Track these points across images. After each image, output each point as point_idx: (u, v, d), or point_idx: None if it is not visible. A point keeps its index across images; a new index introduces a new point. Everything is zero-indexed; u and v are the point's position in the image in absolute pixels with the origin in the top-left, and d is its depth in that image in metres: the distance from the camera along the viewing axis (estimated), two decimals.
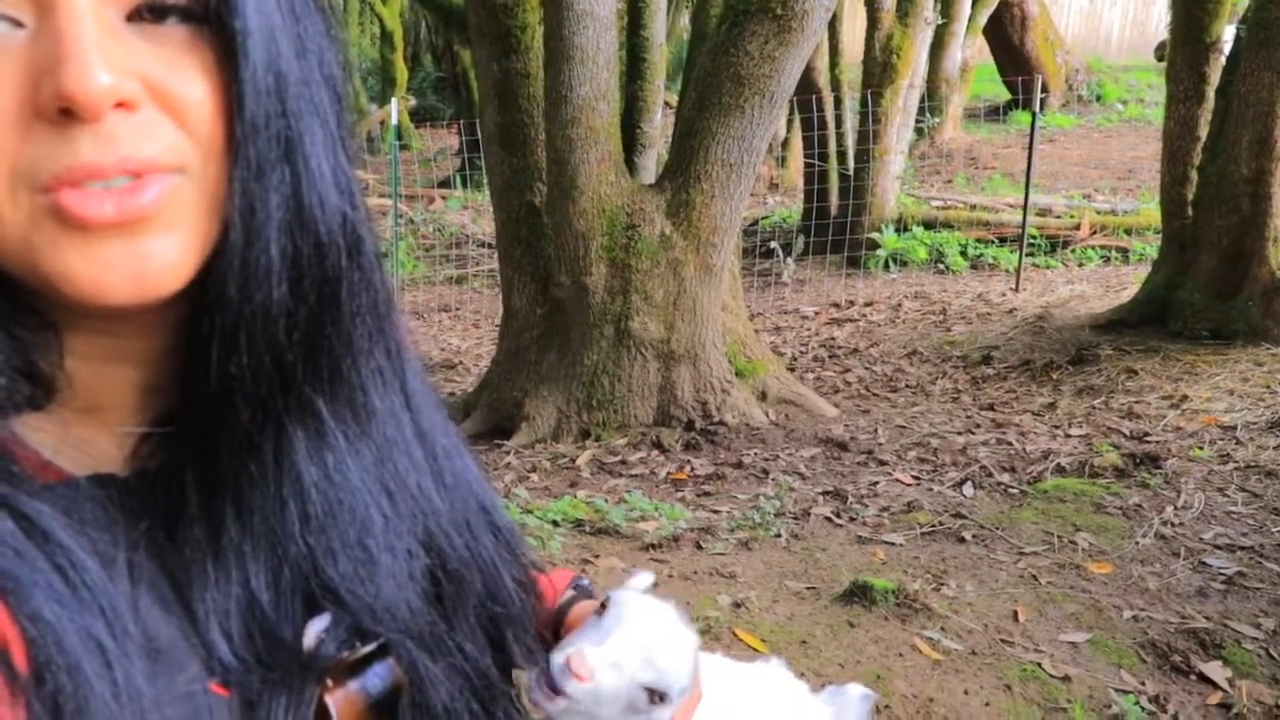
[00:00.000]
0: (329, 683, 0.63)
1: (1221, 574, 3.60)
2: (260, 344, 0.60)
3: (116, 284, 0.54)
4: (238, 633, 0.62)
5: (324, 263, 0.61)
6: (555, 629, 0.98)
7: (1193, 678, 3.04)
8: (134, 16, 0.54)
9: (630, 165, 5.48)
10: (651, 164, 5.77)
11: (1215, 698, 2.95)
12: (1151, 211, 8.68)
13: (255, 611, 0.63)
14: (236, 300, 0.58)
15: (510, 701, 0.80)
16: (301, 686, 0.62)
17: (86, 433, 0.62)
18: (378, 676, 0.66)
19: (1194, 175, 6.56)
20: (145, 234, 0.54)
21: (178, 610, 0.60)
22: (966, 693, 3.00)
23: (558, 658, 0.91)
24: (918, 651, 3.17)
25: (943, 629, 3.25)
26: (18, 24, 0.52)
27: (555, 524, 4.09)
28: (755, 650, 3.14)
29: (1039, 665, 3.08)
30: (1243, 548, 3.80)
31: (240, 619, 0.62)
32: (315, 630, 0.64)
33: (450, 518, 0.75)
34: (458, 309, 8.97)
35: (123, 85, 0.52)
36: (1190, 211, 6.56)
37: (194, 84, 0.55)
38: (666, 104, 7.00)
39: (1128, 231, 9.38)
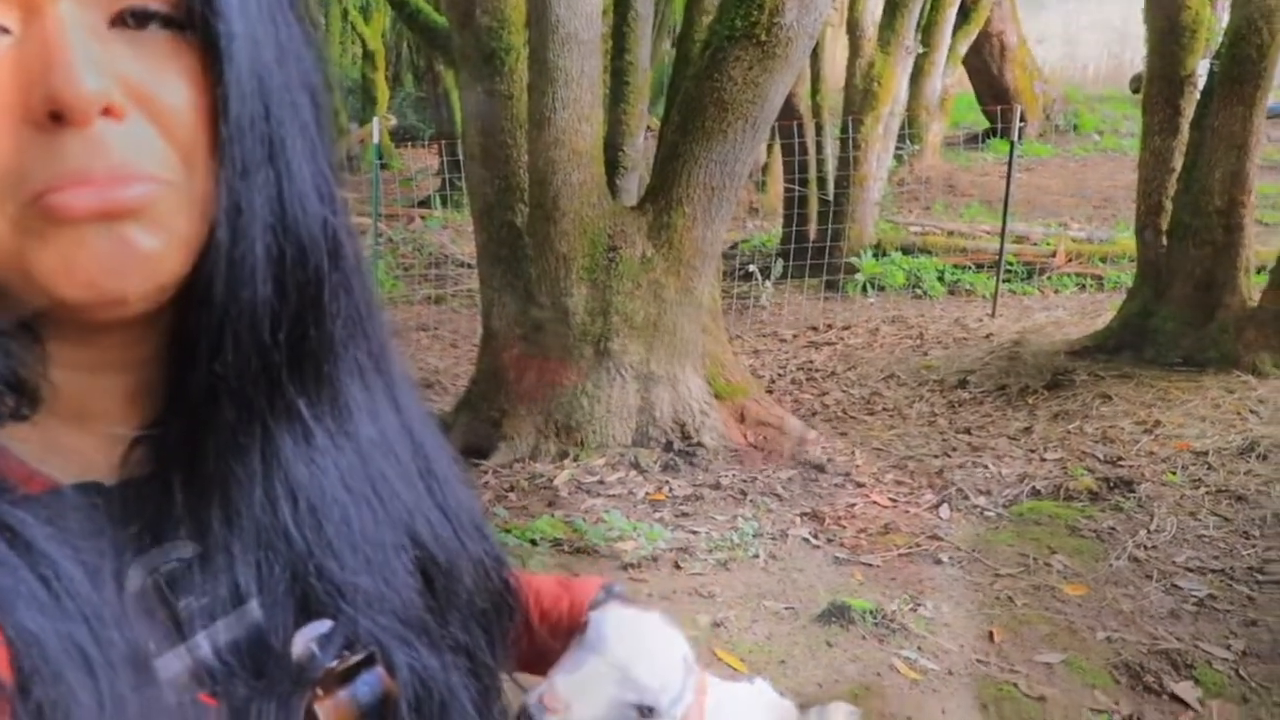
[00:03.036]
0: (318, 692, 0.63)
1: (1193, 596, 3.64)
2: (246, 343, 0.60)
3: (98, 273, 0.55)
4: (223, 636, 0.61)
5: (306, 265, 0.62)
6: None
7: (1165, 698, 3.08)
8: (116, 22, 0.55)
9: (612, 187, 5.51)
10: (634, 187, 5.79)
11: (1187, 717, 2.98)
12: (1126, 240, 8.78)
13: (242, 615, 0.63)
14: (223, 298, 0.59)
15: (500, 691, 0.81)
16: (290, 695, 0.62)
17: (73, 441, 0.61)
18: (367, 685, 0.65)
19: (1168, 205, 6.64)
20: (127, 223, 0.55)
21: (165, 617, 0.60)
22: (943, 712, 3.04)
23: (532, 696, 0.91)
24: (895, 671, 3.20)
25: (920, 649, 3.28)
26: (3, 30, 0.53)
27: (534, 543, 4.10)
28: (734, 669, 3.15)
29: (1014, 685, 3.11)
30: (1213, 570, 3.84)
31: (227, 622, 0.62)
32: (304, 639, 0.64)
33: (439, 512, 0.75)
34: (436, 328, 8.93)
35: (110, 90, 0.53)
36: (1164, 241, 6.64)
37: (177, 90, 0.56)
38: (649, 128, 7.05)
39: (1103, 259, 9.47)
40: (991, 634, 3.37)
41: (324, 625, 0.65)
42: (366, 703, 0.65)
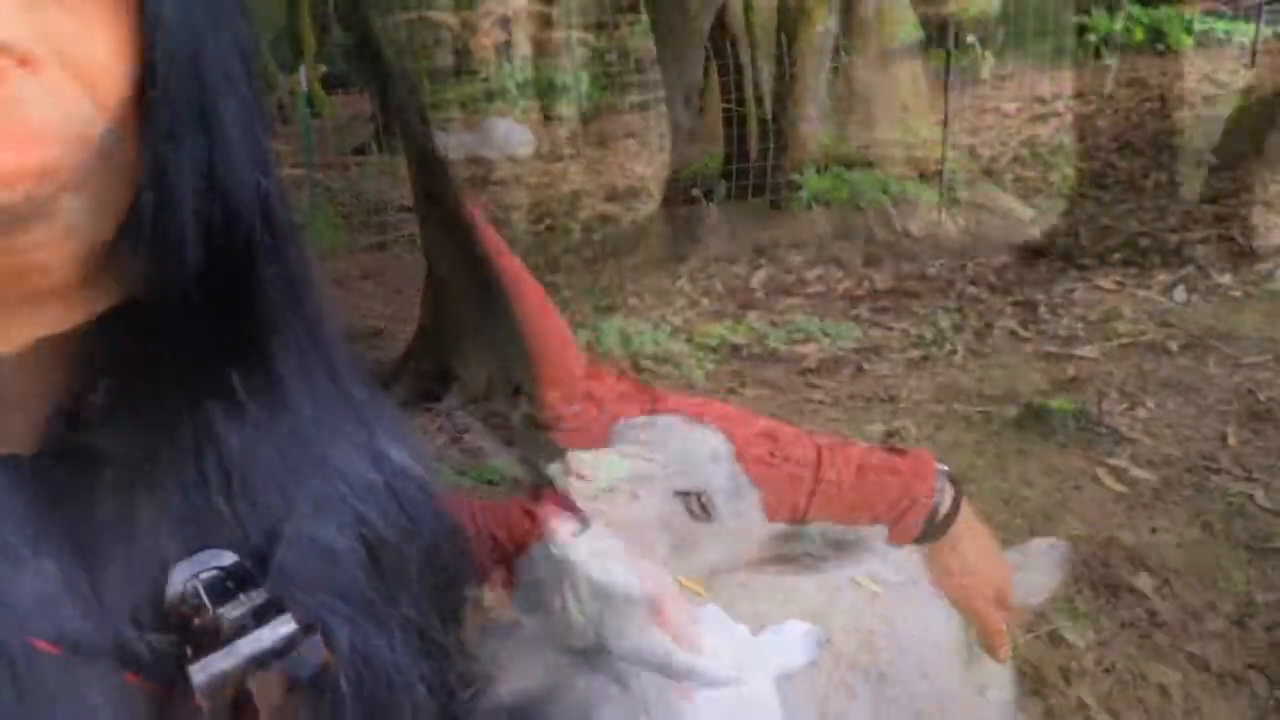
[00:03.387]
0: None
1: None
2: (175, 314, 0.59)
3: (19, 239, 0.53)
4: (148, 617, 0.60)
5: (235, 233, 0.60)
6: None
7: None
8: None
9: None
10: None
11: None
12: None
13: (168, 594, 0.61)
14: (149, 266, 0.57)
15: (459, 666, 0.78)
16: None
17: None
18: (301, 658, 0.63)
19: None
20: (49, 185, 0.52)
21: (90, 597, 0.58)
22: (1154, 531, 2.68)
23: (556, 470, 0.94)
24: (1099, 483, 2.85)
25: (1132, 456, 2.96)
26: None
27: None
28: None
29: (1250, 497, 2.76)
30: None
31: (152, 602, 0.60)
32: (232, 613, 0.61)
33: (384, 485, 0.72)
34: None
35: (22, 41, 0.49)
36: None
37: (105, 47, 0.53)
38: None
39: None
40: (1225, 435, 3.08)
41: (258, 598, 0.63)
42: (299, 675, 0.62)
